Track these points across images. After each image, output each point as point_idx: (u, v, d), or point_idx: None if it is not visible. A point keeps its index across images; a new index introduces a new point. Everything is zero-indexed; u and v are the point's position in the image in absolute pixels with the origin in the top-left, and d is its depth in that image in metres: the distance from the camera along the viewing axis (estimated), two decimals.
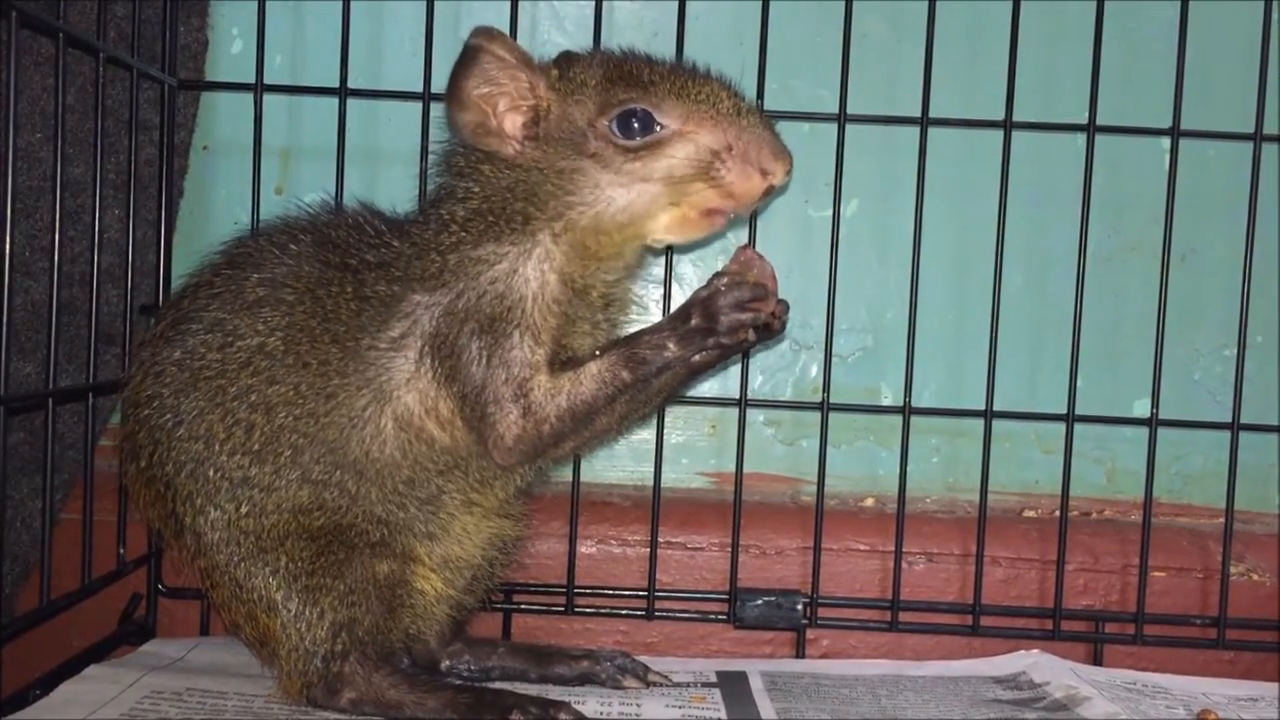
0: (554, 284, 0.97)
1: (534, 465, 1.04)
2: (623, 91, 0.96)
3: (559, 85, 0.98)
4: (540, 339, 0.97)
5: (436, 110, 1.20)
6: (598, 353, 0.98)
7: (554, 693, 1.06)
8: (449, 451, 0.99)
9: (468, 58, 0.95)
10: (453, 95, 0.96)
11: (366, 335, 0.97)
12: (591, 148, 0.96)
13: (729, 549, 1.24)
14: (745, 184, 0.96)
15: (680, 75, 0.97)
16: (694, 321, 0.97)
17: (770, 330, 0.99)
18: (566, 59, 1.02)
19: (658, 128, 0.95)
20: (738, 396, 1.24)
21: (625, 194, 0.96)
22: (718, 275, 0.97)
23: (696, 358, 0.99)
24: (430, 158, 1.07)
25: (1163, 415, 1.23)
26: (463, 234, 0.98)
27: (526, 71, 0.97)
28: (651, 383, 0.99)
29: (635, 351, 0.97)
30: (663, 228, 0.98)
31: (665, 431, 1.27)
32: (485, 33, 0.95)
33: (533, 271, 0.97)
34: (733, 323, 0.96)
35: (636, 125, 0.95)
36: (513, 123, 0.97)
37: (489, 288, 0.97)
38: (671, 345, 0.97)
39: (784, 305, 0.99)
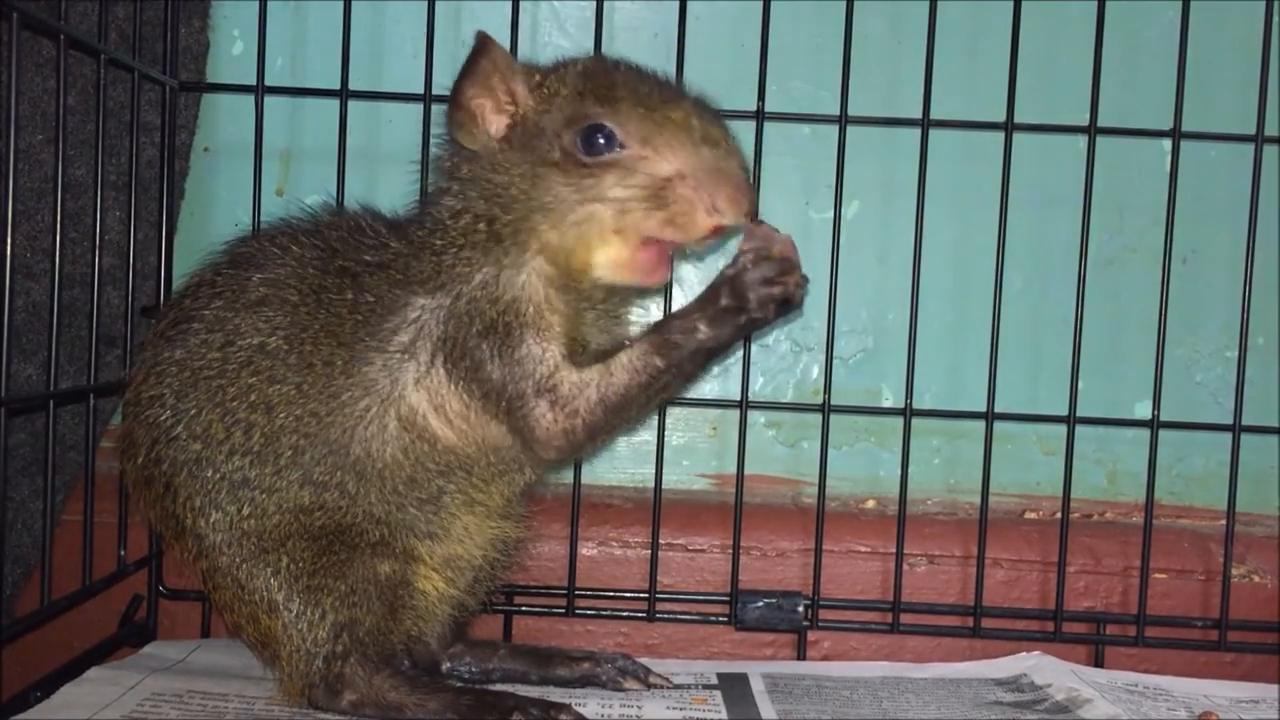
0: (538, 284, 0.97)
1: (571, 459, 1.03)
2: (590, 106, 0.94)
3: (536, 93, 0.97)
4: (544, 334, 0.96)
5: (438, 112, 1.19)
6: (628, 343, 0.98)
7: (555, 694, 1.06)
8: (452, 451, 0.99)
9: (470, 62, 0.96)
10: (453, 98, 0.97)
11: (373, 339, 0.97)
12: (555, 158, 0.95)
13: (730, 551, 1.24)
14: (689, 217, 0.93)
15: (652, 95, 0.95)
16: (724, 301, 0.95)
17: (790, 304, 0.96)
18: (559, 64, 1.02)
19: (619, 148, 0.94)
20: (739, 398, 1.24)
21: (581, 210, 0.94)
22: (742, 252, 0.95)
23: (715, 343, 0.97)
24: (430, 150, 1.08)
25: (1164, 417, 1.23)
26: (449, 235, 0.98)
27: (509, 77, 0.97)
28: (685, 366, 0.97)
29: (667, 338, 0.96)
30: (605, 262, 0.96)
31: (666, 433, 1.27)
32: (480, 38, 0.96)
33: (516, 276, 0.96)
34: (762, 298, 0.94)
35: (601, 142, 0.94)
36: (496, 126, 0.97)
37: (481, 292, 0.96)
38: (703, 327, 0.96)
39: (804, 278, 0.96)
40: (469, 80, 0.96)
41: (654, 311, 1.20)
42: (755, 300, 0.94)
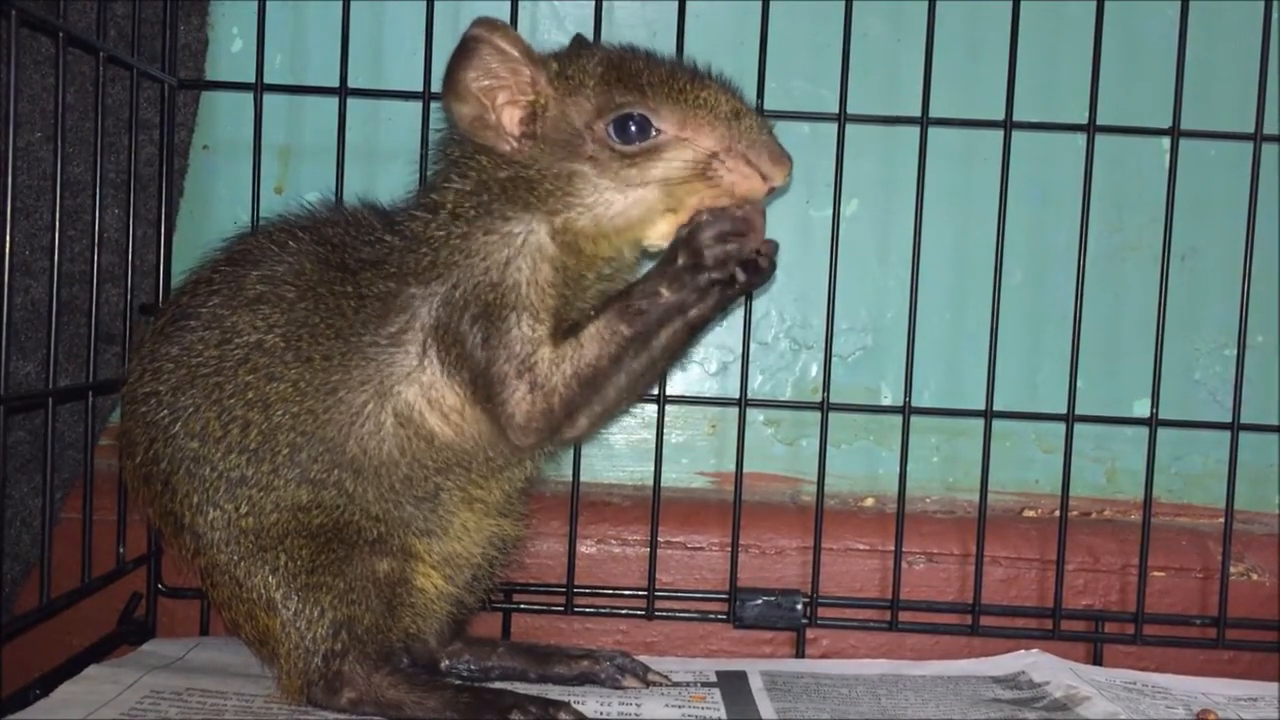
0: (547, 271, 0.96)
1: (551, 444, 1.03)
2: (620, 95, 0.94)
3: (558, 82, 0.96)
4: (540, 317, 0.96)
5: (437, 110, 1.19)
6: (592, 313, 0.97)
7: (554, 692, 1.06)
8: (449, 447, 0.99)
9: (467, 48, 0.94)
10: (450, 86, 0.95)
11: (368, 332, 0.97)
12: (588, 150, 0.95)
13: (729, 549, 1.24)
14: (745, 185, 0.94)
15: (679, 78, 0.96)
16: (680, 260, 0.95)
17: (759, 269, 0.96)
18: (574, 51, 1.01)
19: (654, 132, 0.94)
20: (738, 396, 1.23)
21: (622, 199, 0.95)
22: (698, 212, 0.95)
23: (694, 310, 0.96)
24: (429, 146, 1.07)
25: (1163, 415, 1.23)
26: (453, 225, 0.97)
27: (528, 65, 0.95)
28: (653, 337, 0.97)
29: (629, 304, 0.96)
30: (660, 234, 0.97)
31: (665, 431, 1.27)
32: (487, 23, 0.94)
33: (525, 262, 0.96)
34: (718, 255, 0.94)
35: (634, 130, 0.94)
36: (510, 118, 0.96)
37: (482, 277, 0.96)
38: (664, 290, 0.95)
39: (772, 244, 0.97)
40: (467, 65, 0.94)
41: None
42: (711, 258, 0.94)
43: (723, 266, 0.95)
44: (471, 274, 0.96)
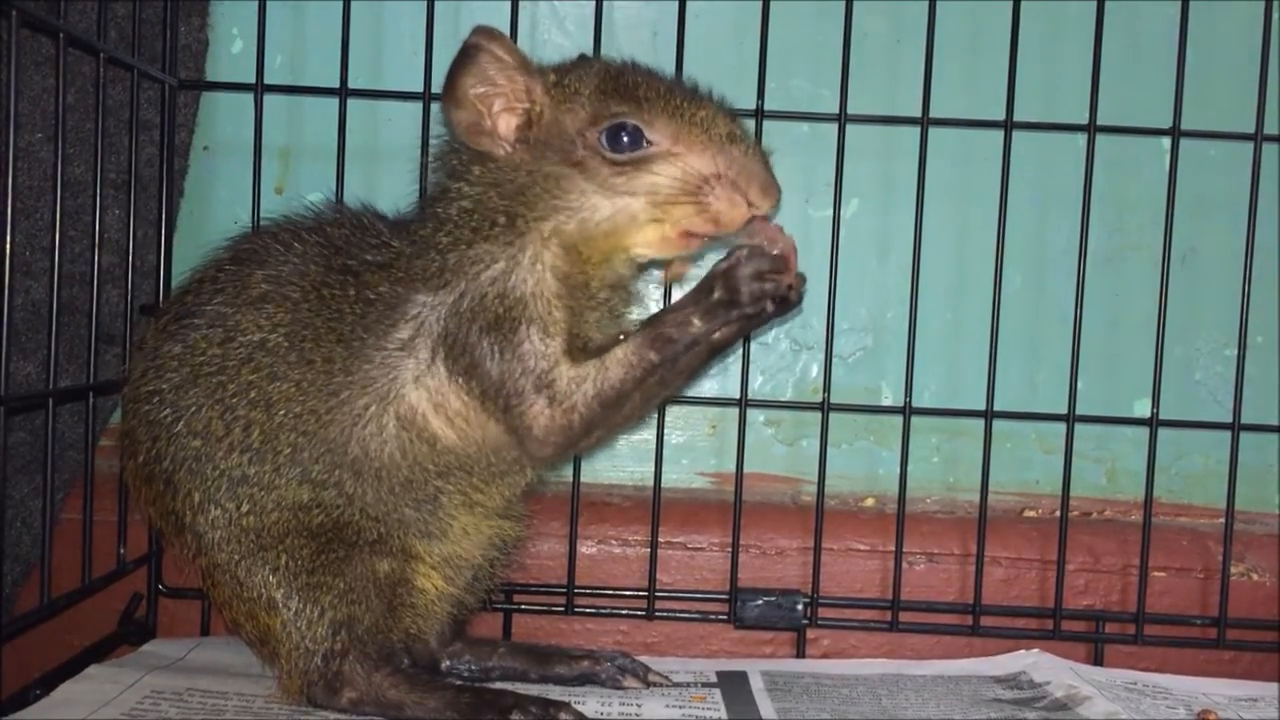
0: (550, 281, 0.97)
1: (565, 456, 1.03)
2: (615, 104, 0.95)
3: (554, 91, 0.97)
4: (549, 330, 0.96)
5: (437, 110, 1.20)
6: (621, 337, 0.98)
7: (554, 693, 1.06)
8: (451, 451, 0.99)
9: (466, 57, 0.95)
10: (449, 93, 0.96)
11: (372, 336, 0.97)
12: (579, 156, 0.95)
13: (729, 549, 1.24)
14: (731, 211, 0.95)
15: (676, 94, 0.96)
16: (716, 294, 0.96)
17: (788, 303, 0.97)
18: (573, 63, 1.02)
19: (646, 144, 0.95)
20: (738, 396, 1.24)
21: (609, 205, 0.96)
22: (737, 247, 0.96)
23: (718, 334, 0.97)
24: (430, 156, 1.07)
25: (1163, 415, 1.23)
26: (457, 233, 0.98)
27: (524, 74, 0.96)
28: (679, 361, 0.98)
29: (661, 331, 0.97)
30: (644, 243, 0.98)
31: (665, 431, 1.27)
32: (485, 32, 0.95)
33: (527, 271, 0.97)
34: (754, 292, 0.95)
35: (626, 140, 0.95)
36: (506, 124, 0.97)
37: (489, 288, 0.96)
38: (696, 321, 0.96)
39: (801, 278, 0.97)
40: (465, 73, 0.95)
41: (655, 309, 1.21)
42: (747, 294, 0.95)
43: (757, 303, 0.95)
44: (478, 285, 0.96)
